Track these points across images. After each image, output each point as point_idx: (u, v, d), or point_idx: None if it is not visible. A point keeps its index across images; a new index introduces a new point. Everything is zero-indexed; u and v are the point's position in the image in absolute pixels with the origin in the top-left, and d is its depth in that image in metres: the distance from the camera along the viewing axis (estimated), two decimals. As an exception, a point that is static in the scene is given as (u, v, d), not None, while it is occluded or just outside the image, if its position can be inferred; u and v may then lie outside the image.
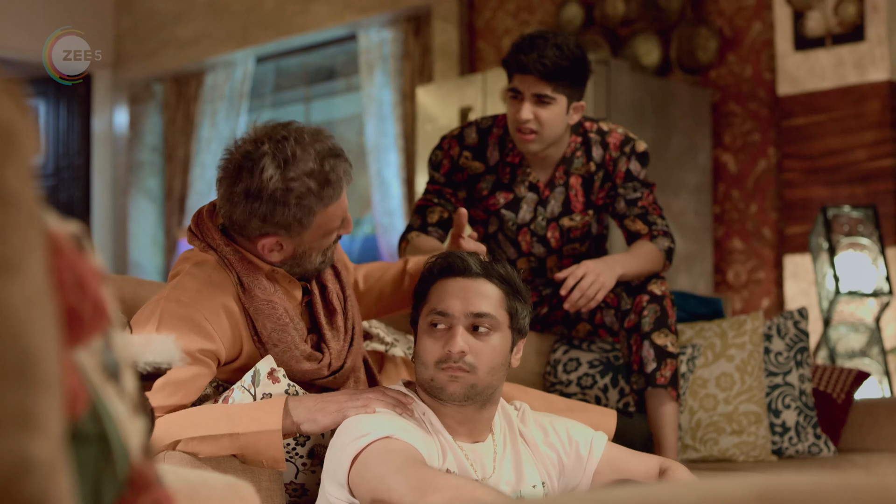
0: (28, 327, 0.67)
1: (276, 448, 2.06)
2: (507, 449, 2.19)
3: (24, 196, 0.69)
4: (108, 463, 0.75)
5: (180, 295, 2.15)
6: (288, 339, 2.20)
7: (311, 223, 2.13)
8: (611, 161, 2.99)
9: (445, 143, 3.04)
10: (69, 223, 0.78)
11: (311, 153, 2.10)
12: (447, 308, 2.11)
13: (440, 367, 2.09)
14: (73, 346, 0.74)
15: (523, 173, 3.00)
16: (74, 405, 0.73)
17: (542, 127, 2.85)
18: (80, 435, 0.73)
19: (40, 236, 0.70)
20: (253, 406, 2.10)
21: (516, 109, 2.85)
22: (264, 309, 2.19)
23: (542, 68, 2.78)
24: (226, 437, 2.04)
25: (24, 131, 0.70)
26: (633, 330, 2.88)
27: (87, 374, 0.75)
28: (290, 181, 2.08)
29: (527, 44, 2.82)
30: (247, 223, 2.14)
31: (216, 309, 2.15)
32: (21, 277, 0.67)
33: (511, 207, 3.03)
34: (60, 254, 0.74)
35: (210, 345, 2.13)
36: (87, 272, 0.76)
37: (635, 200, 3.02)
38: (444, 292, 2.13)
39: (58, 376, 0.69)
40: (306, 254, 2.20)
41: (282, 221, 2.12)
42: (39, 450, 0.66)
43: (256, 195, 2.09)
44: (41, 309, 0.68)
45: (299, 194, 2.09)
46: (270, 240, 2.15)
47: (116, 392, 0.79)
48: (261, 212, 2.10)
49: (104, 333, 0.78)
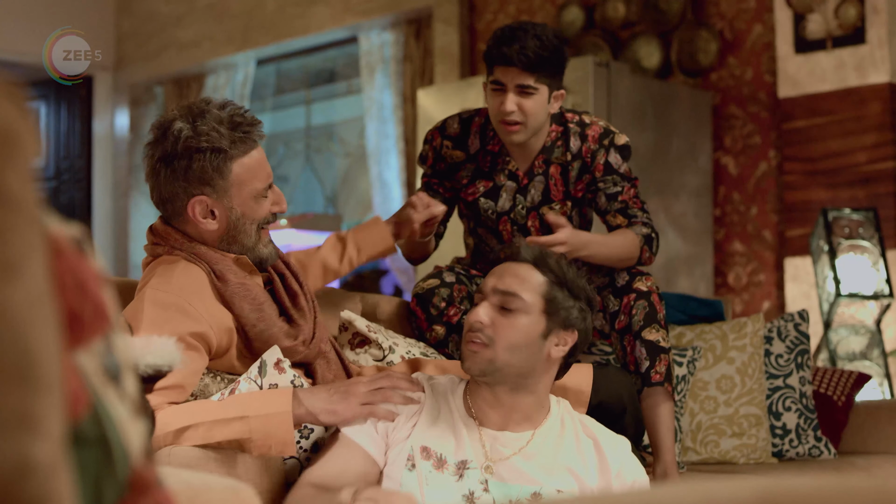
0: (29, 329, 0.67)
1: (286, 430, 2.07)
2: (546, 446, 2.18)
3: (25, 198, 0.69)
4: (109, 465, 0.75)
5: (160, 285, 2.19)
6: (266, 317, 2.26)
7: (229, 172, 2.22)
8: (588, 153, 2.98)
9: (429, 134, 3.08)
10: (70, 225, 0.78)
11: (217, 107, 2.24)
12: (483, 285, 2.21)
13: (466, 340, 2.17)
14: (73, 349, 0.74)
15: (503, 162, 3.01)
16: (75, 407, 0.73)
17: (527, 117, 2.86)
18: (81, 437, 0.73)
19: (41, 238, 0.70)
20: (262, 392, 2.13)
21: (500, 101, 2.86)
22: (239, 291, 2.25)
23: (524, 59, 2.79)
24: (237, 421, 2.05)
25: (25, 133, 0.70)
26: (625, 331, 2.87)
27: (88, 376, 0.75)
28: (199, 129, 2.19)
29: (507, 35, 2.83)
30: (174, 192, 2.24)
31: (198, 294, 2.20)
32: (22, 280, 0.67)
33: (490, 196, 3.04)
34: (61, 256, 0.74)
35: (198, 327, 2.16)
36: (87, 274, 0.76)
37: (616, 195, 3.00)
38: (491, 272, 2.23)
39: (59, 379, 0.69)
40: (240, 222, 2.27)
41: (201, 174, 2.20)
42: (40, 452, 0.66)
43: (172, 153, 2.21)
44: (42, 311, 0.68)
45: (209, 137, 2.19)
46: (199, 202, 2.23)
47: (117, 394, 0.79)
48: (180, 168, 2.20)
49: (105, 336, 0.78)
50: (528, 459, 2.16)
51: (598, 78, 4.87)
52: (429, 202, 2.86)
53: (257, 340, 2.25)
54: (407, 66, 6.67)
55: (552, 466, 2.16)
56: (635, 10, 5.65)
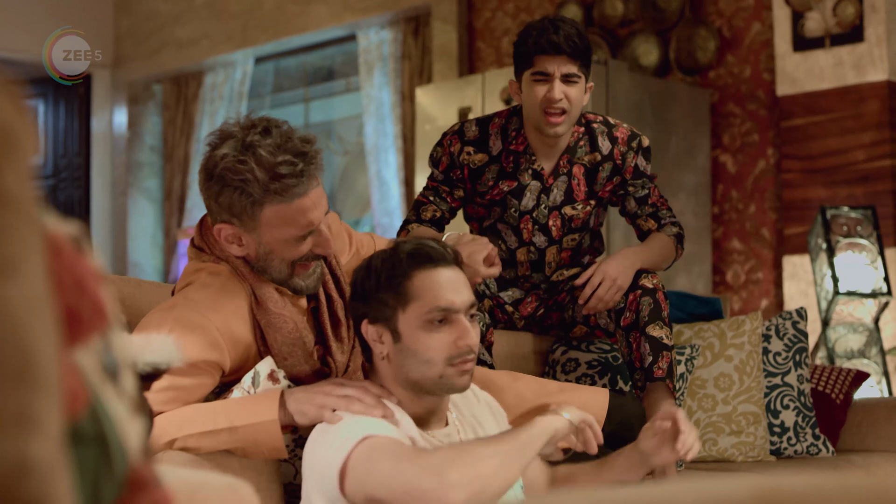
0: (27, 328, 0.67)
1: (275, 438, 2.05)
2: (464, 428, 2.18)
3: (23, 197, 0.69)
4: (107, 463, 0.75)
5: (195, 301, 2.12)
6: (297, 354, 2.19)
7: (259, 215, 2.10)
8: (620, 156, 3.02)
9: (446, 139, 3.05)
10: (68, 224, 0.78)
11: (271, 145, 2.08)
12: (450, 304, 2.04)
13: (451, 363, 2.04)
14: (72, 347, 0.74)
15: (528, 161, 3.02)
16: (74, 406, 0.73)
17: (572, 106, 2.91)
18: (80, 435, 0.73)
19: (39, 237, 0.70)
20: (249, 399, 2.09)
21: (547, 90, 2.88)
22: (276, 322, 2.16)
23: (572, 46, 2.86)
24: (224, 432, 2.04)
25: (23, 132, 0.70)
26: (631, 327, 2.88)
27: (87, 374, 0.75)
28: (240, 164, 2.06)
29: (549, 26, 2.89)
30: (209, 206, 2.15)
31: (230, 318, 2.13)
32: (20, 278, 0.67)
33: (515, 195, 3.04)
34: (59, 254, 0.74)
35: (216, 356, 2.10)
36: (86, 273, 0.76)
37: (645, 198, 3.09)
38: (437, 286, 2.04)
39: (57, 377, 0.69)
40: (269, 257, 2.16)
41: (231, 206, 2.10)
42: (39, 450, 0.66)
43: (210, 173, 2.10)
44: (40, 310, 0.68)
45: (244, 179, 2.07)
46: (226, 228, 2.13)
47: (116, 392, 0.79)
48: (213, 191, 2.11)
49: (103, 334, 0.78)
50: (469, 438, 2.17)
51: (596, 76, 4.87)
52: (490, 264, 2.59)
53: (282, 369, 2.19)
54: (405, 64, 6.67)
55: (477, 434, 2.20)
56: (634, 8, 5.65)
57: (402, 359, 2.05)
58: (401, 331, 2.05)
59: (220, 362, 2.12)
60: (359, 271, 2.10)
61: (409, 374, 2.06)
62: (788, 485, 0.68)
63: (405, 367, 2.06)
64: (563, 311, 3.11)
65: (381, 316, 2.06)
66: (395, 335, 2.05)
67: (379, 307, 2.06)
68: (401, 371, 2.07)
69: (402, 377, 2.07)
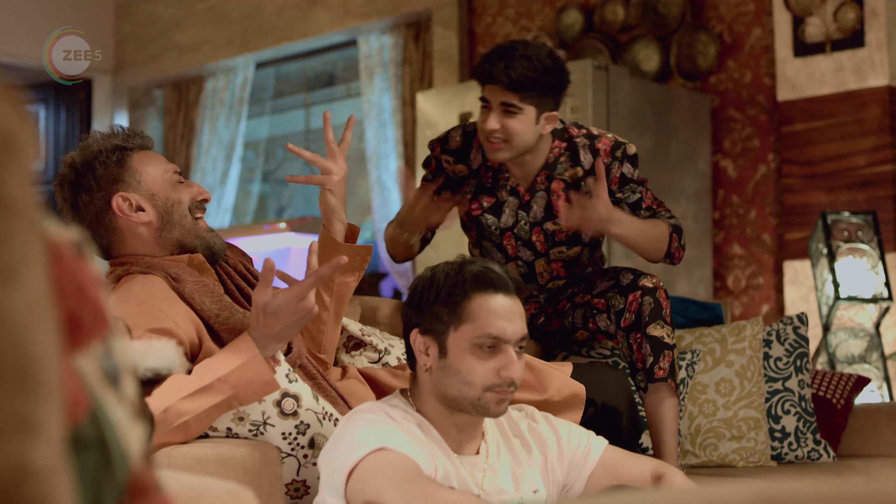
0: (28, 333, 0.67)
1: (263, 371, 2.11)
2: (501, 455, 2.18)
3: (24, 202, 0.69)
4: (108, 469, 0.75)
5: (120, 299, 2.23)
6: (227, 306, 2.30)
7: (129, 165, 2.36)
8: None
9: (431, 144, 3.11)
10: (69, 229, 0.78)
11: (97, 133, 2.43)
12: (502, 333, 2.04)
13: (491, 390, 2.04)
14: (72, 352, 0.74)
15: (504, 178, 3.03)
16: (74, 411, 0.73)
17: (511, 136, 2.87)
18: (80, 441, 0.73)
19: (40, 242, 0.70)
20: (224, 350, 2.16)
21: (484, 119, 2.88)
22: (197, 287, 2.30)
23: (506, 79, 2.81)
24: (215, 384, 2.07)
25: (24, 137, 0.70)
26: (632, 328, 2.88)
27: (87, 379, 0.75)
28: (86, 145, 2.39)
29: (496, 54, 2.85)
30: (97, 208, 2.36)
31: (158, 298, 2.24)
32: (21, 284, 0.67)
33: (493, 211, 3.05)
34: (60, 260, 0.74)
35: (160, 324, 2.18)
36: (87, 278, 0.76)
37: (638, 203, 3.05)
38: (493, 313, 2.05)
39: (58, 382, 0.69)
40: (170, 209, 2.37)
41: (108, 174, 2.35)
42: (39, 456, 0.66)
43: (76, 175, 2.38)
44: (41, 315, 0.68)
45: (99, 143, 2.37)
46: (121, 197, 2.35)
47: (116, 398, 0.79)
48: (89, 181, 2.35)
49: (104, 339, 0.78)
50: (503, 467, 2.17)
51: (596, 81, 4.88)
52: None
53: (224, 331, 2.27)
54: (406, 70, 6.67)
55: (518, 464, 2.18)
56: (634, 13, 5.65)
57: (443, 375, 2.07)
58: (449, 347, 2.07)
59: (169, 329, 2.18)
60: (420, 280, 2.13)
61: (447, 390, 2.07)
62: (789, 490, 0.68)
63: (444, 383, 2.08)
64: (564, 318, 3.11)
65: (433, 329, 2.08)
66: (442, 350, 2.08)
67: (432, 320, 2.08)
68: (439, 386, 2.08)
69: (440, 392, 2.09)
